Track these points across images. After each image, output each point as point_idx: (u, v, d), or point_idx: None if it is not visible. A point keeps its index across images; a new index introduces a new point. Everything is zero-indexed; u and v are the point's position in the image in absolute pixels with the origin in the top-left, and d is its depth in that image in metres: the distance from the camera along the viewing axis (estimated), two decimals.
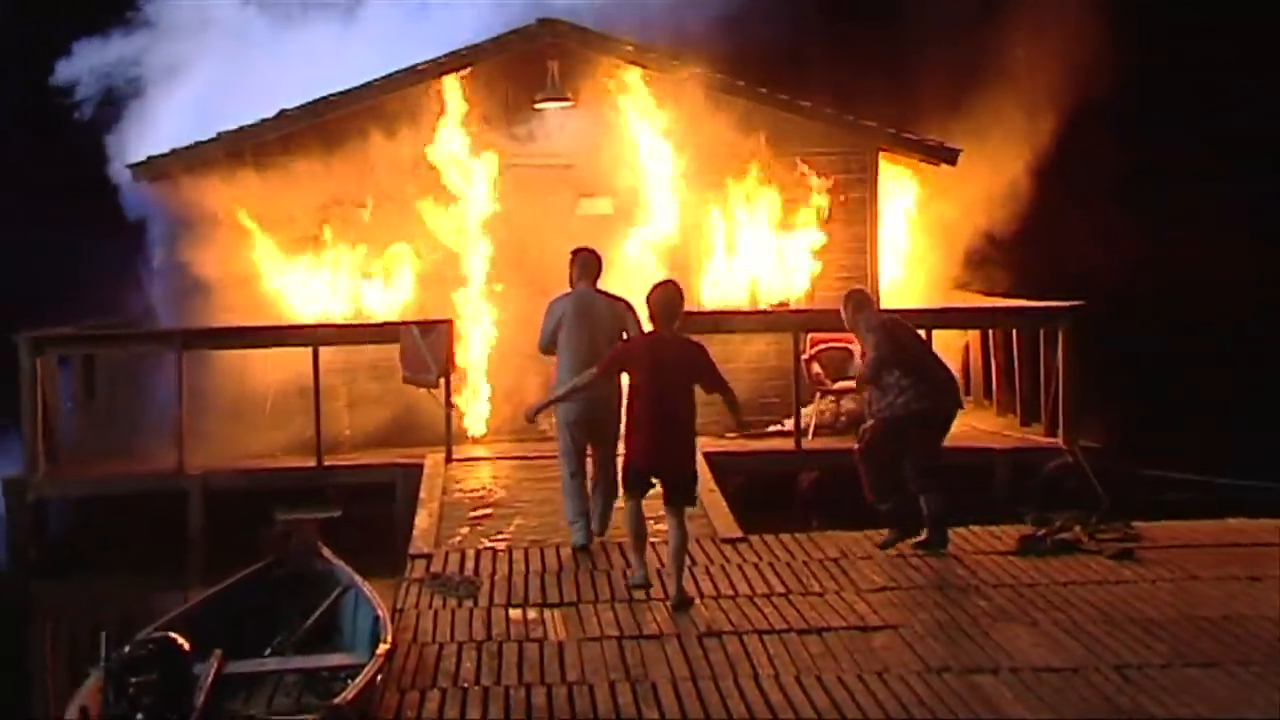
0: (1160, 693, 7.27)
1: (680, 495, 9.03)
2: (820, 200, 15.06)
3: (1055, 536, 10.17)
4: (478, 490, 12.44)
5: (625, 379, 9.47)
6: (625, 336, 9.96)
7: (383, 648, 7.43)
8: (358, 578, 8.64)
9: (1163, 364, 18.48)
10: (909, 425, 9.82)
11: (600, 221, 14.93)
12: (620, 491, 9.42)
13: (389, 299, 14.72)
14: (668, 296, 9.05)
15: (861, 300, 10.23)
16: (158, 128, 15.25)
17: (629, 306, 10.13)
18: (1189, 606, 8.67)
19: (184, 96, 15.61)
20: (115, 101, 16.40)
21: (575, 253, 10.49)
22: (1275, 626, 8.23)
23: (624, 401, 9.38)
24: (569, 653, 8.10)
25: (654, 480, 9.04)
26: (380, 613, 8.00)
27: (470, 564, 10.06)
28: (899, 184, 16.25)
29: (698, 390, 9.09)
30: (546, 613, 8.84)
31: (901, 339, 10.05)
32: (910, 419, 9.81)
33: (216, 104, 14.92)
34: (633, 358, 9.16)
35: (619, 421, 9.55)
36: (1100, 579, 9.35)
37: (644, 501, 9.14)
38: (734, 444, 14.09)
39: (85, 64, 16.71)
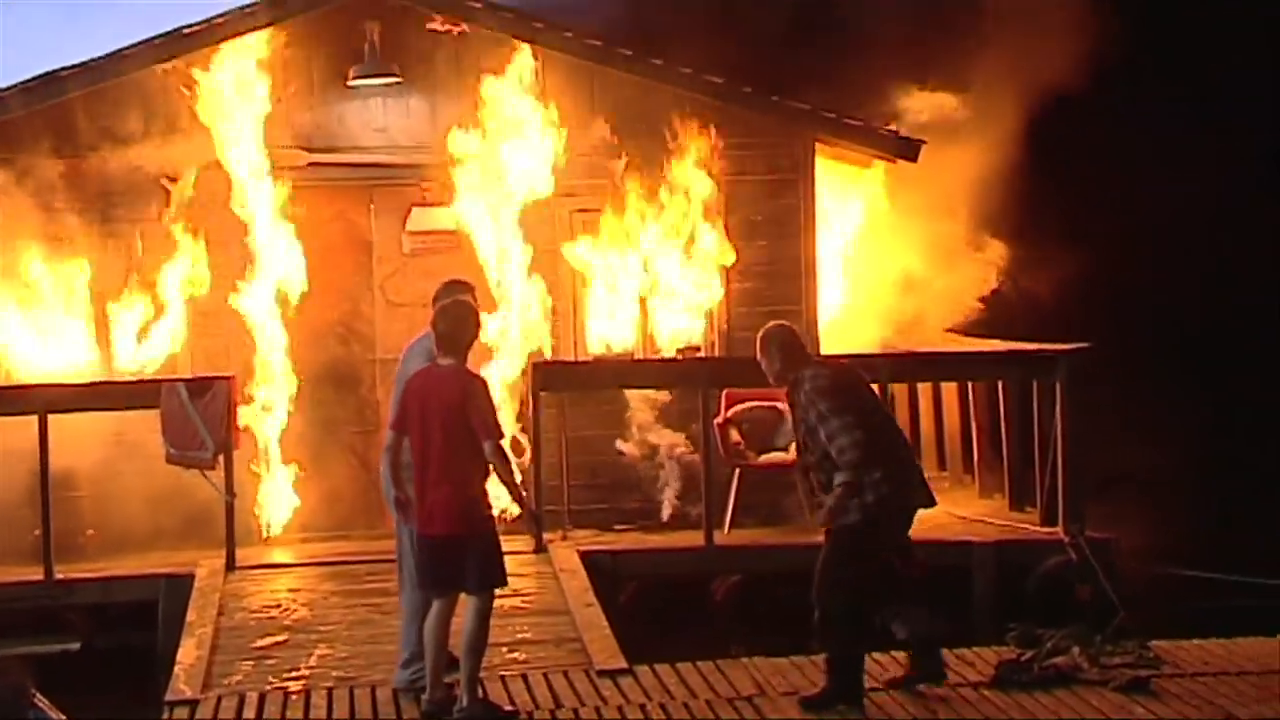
0: None
1: (469, 574, 9.45)
2: (738, 209, 15.03)
3: (1045, 662, 10.16)
4: (269, 609, 12.29)
5: None
6: None
7: None
8: None
9: (1202, 418, 18.69)
10: (881, 528, 9.56)
11: (440, 240, 14.84)
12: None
13: (148, 351, 14.52)
14: (448, 319, 9.62)
15: (789, 341, 9.89)
16: None
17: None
18: None
19: None
20: None
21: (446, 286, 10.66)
22: None
23: None
24: None
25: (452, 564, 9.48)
26: None
27: (250, 712, 9.91)
28: (843, 185, 16.27)
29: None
30: None
31: (861, 397, 9.75)
32: (885, 518, 9.53)
33: None
34: (406, 402, 9.68)
35: None
36: (1103, 719, 9.30)
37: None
38: (624, 539, 14.07)
39: None
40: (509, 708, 9.68)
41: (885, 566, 9.73)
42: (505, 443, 9.67)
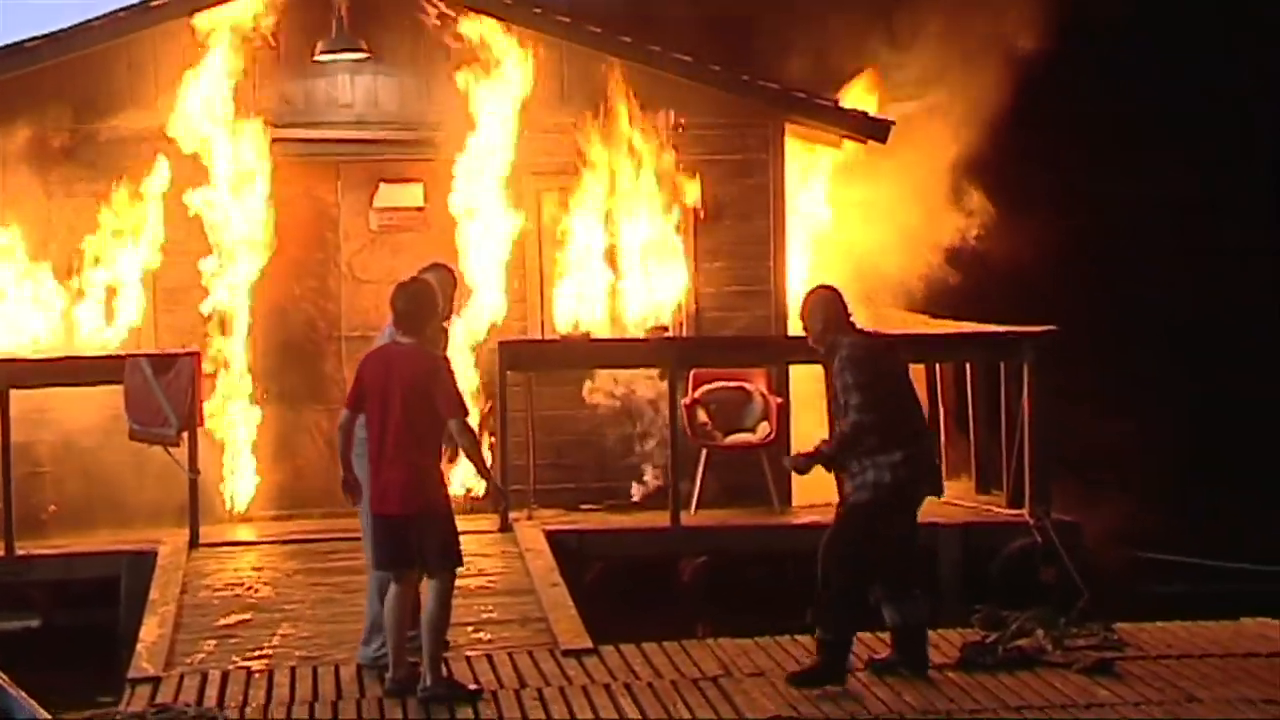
0: None
1: (427, 554, 9.43)
2: (707, 189, 15.06)
3: (1009, 644, 10.20)
4: (233, 587, 12.29)
5: None
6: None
7: None
8: (45, 715, 8.42)
9: (1184, 406, 18.71)
10: (896, 507, 9.53)
11: (408, 217, 14.86)
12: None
13: (111, 324, 14.51)
14: (405, 296, 9.58)
15: (833, 305, 9.71)
16: None
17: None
18: None
19: None
20: None
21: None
22: None
23: None
24: None
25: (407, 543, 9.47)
26: None
27: (213, 691, 9.90)
28: (804, 162, 16.29)
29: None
30: None
31: (892, 377, 9.69)
32: (898, 501, 9.51)
33: None
34: (362, 379, 9.62)
35: None
36: (1067, 701, 9.37)
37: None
38: (590, 519, 14.11)
39: None
40: (473, 686, 9.72)
41: (905, 551, 9.74)
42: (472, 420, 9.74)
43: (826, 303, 9.71)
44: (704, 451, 14.48)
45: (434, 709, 9.34)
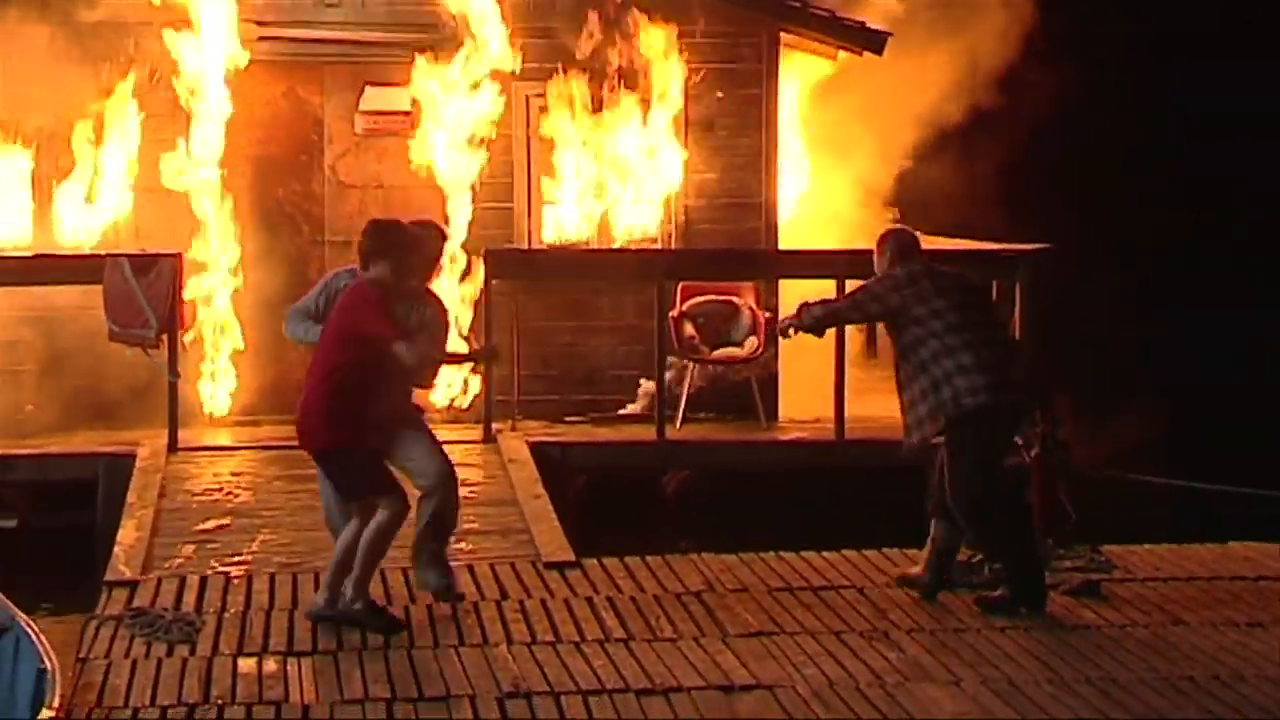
0: None
1: (334, 480, 9.43)
2: (700, 99, 15.00)
3: (995, 564, 10.24)
4: (211, 492, 12.34)
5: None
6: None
7: (46, 714, 7.29)
8: (21, 616, 8.48)
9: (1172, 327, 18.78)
10: (982, 424, 9.51)
11: (394, 120, 14.79)
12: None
13: (91, 222, 14.42)
14: (369, 231, 9.40)
15: (899, 244, 9.83)
16: None
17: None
18: (1167, 662, 8.78)
19: None
20: None
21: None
22: None
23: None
24: None
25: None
26: (48, 664, 7.86)
27: (191, 595, 9.96)
28: (793, 73, 16.26)
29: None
30: (291, 664, 8.77)
31: (939, 296, 9.57)
32: (965, 415, 9.50)
33: None
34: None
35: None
36: (1052, 623, 9.43)
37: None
38: (573, 431, 14.14)
39: None
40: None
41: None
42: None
43: (892, 243, 9.87)
44: (690, 365, 14.50)
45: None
